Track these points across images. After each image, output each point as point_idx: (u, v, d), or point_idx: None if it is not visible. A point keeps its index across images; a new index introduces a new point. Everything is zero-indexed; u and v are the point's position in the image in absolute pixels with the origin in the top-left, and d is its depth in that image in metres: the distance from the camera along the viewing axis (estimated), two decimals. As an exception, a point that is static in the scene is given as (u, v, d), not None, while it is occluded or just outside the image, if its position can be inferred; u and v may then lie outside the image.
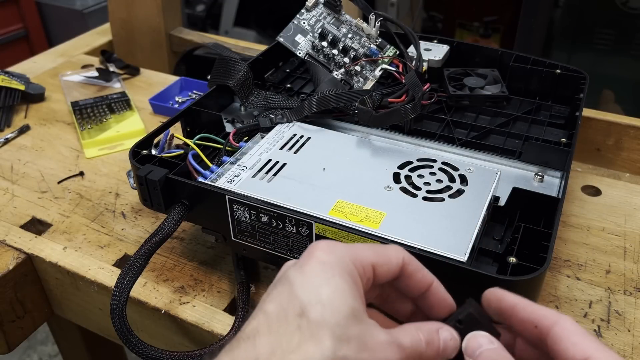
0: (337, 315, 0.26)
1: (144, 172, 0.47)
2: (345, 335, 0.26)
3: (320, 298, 0.26)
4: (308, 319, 0.26)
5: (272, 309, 0.27)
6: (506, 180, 0.50)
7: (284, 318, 0.26)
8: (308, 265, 0.28)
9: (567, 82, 0.62)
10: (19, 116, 0.79)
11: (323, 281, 0.27)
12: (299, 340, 0.25)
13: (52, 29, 2.00)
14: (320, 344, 0.25)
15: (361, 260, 0.29)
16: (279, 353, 0.25)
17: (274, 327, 0.26)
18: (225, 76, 0.60)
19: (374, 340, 0.27)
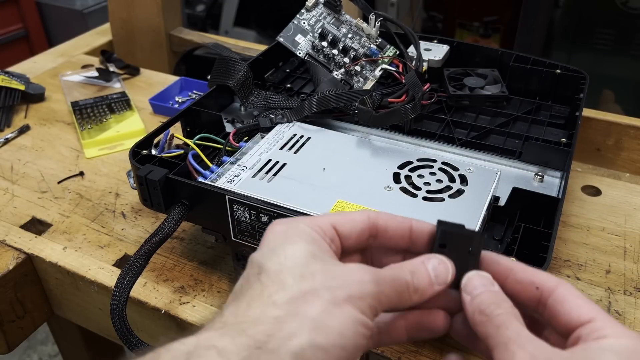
0: (294, 258, 0.26)
1: (144, 172, 0.47)
2: (308, 271, 0.26)
3: (275, 252, 0.27)
4: (266, 271, 0.26)
5: (237, 286, 0.27)
6: (506, 180, 0.50)
7: (247, 283, 0.26)
8: (263, 240, 0.28)
9: (567, 82, 0.62)
10: (19, 116, 0.79)
11: (277, 242, 0.27)
12: (261, 289, 0.25)
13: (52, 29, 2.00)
14: (281, 284, 0.25)
15: (318, 223, 0.28)
16: (244, 305, 0.25)
17: (238, 294, 0.26)
18: (225, 76, 0.60)
19: (340, 270, 0.26)
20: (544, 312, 0.28)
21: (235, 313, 0.25)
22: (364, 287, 0.26)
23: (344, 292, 0.25)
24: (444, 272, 0.28)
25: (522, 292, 0.28)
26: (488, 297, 0.27)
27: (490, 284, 0.28)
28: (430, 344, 0.45)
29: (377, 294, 0.26)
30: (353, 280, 0.26)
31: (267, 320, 0.24)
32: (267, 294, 0.25)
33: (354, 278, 0.26)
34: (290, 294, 0.25)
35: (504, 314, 0.26)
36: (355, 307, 0.25)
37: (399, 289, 0.27)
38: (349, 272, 0.26)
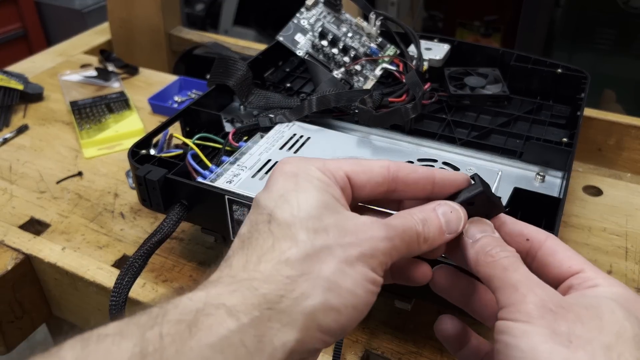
0: (307, 209, 0.25)
1: (143, 172, 0.47)
2: (321, 226, 0.24)
3: (286, 199, 0.25)
4: (277, 221, 0.25)
5: (244, 230, 0.26)
6: (507, 180, 0.50)
7: (255, 231, 0.25)
8: (271, 180, 0.27)
9: (568, 81, 0.62)
10: (18, 116, 0.78)
11: (288, 187, 0.26)
12: (272, 242, 0.24)
13: (51, 29, 2.00)
14: (294, 239, 0.24)
15: (330, 169, 0.27)
16: (254, 258, 0.24)
17: (246, 242, 0.25)
18: (225, 76, 0.60)
19: (353, 223, 0.25)
20: (532, 263, 0.28)
21: (245, 266, 0.24)
22: (378, 244, 0.25)
23: (357, 250, 0.24)
24: (454, 221, 0.28)
25: (513, 243, 0.28)
26: (492, 240, 0.27)
27: (492, 231, 0.28)
28: (430, 345, 0.45)
29: (390, 250, 0.25)
30: (366, 237, 0.25)
31: (279, 279, 0.23)
32: (280, 249, 0.24)
33: (367, 235, 0.25)
34: (304, 251, 0.24)
35: (511, 256, 0.26)
36: (367, 265, 0.24)
37: (409, 241, 0.26)
38: (362, 227, 0.25)
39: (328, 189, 0.26)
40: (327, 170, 0.27)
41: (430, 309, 0.48)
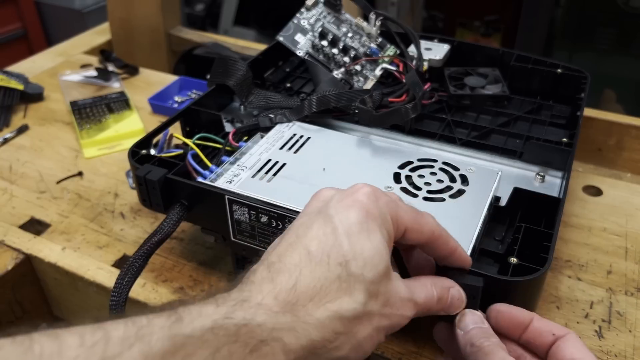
0: (374, 273, 0.28)
1: (143, 172, 0.47)
2: (376, 292, 0.28)
3: (362, 253, 0.28)
4: (348, 270, 0.28)
5: (314, 248, 0.28)
6: (507, 180, 0.50)
7: (327, 263, 0.28)
8: (353, 210, 0.29)
9: (568, 81, 0.62)
10: (18, 116, 0.78)
11: (365, 236, 0.29)
12: (337, 289, 0.28)
13: (51, 29, 2.00)
14: (353, 297, 0.28)
15: (398, 220, 0.31)
16: (317, 299, 0.27)
17: (317, 271, 0.28)
18: (225, 76, 0.60)
19: (395, 297, 0.30)
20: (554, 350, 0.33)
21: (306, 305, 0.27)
22: (402, 321, 0.31)
23: (388, 322, 0.30)
24: (455, 306, 0.34)
25: (539, 336, 0.33)
26: (478, 332, 0.33)
27: (480, 322, 0.34)
28: (430, 345, 0.45)
29: (411, 317, 0.31)
30: (398, 314, 0.30)
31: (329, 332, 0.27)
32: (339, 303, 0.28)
33: (399, 312, 0.30)
34: (356, 312, 0.28)
35: (492, 344, 0.32)
36: (385, 333, 0.30)
37: (422, 312, 0.32)
38: (399, 302, 0.30)
39: (390, 247, 0.30)
40: (395, 223, 0.31)
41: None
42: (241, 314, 0.26)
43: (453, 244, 0.34)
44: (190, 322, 0.24)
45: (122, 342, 0.22)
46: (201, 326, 0.24)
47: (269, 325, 0.26)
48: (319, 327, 0.27)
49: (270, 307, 0.26)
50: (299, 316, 0.27)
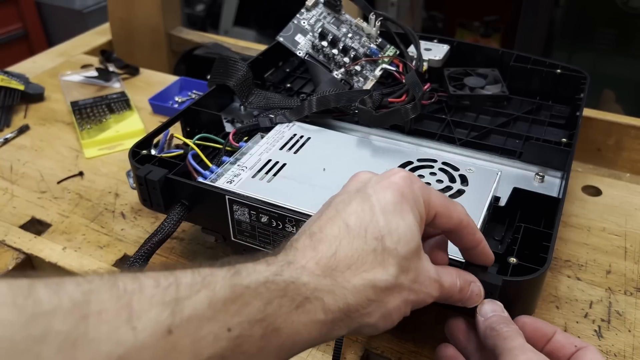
0: (406, 249, 0.31)
1: (144, 172, 0.47)
2: (407, 267, 0.31)
3: (397, 230, 0.31)
4: (383, 245, 0.30)
5: (353, 222, 0.31)
6: (507, 180, 0.50)
7: (364, 237, 0.30)
8: (389, 191, 0.32)
9: (567, 82, 0.62)
10: (19, 116, 0.79)
11: (400, 215, 0.31)
12: (372, 261, 0.30)
13: (51, 29, 2.00)
14: (387, 269, 0.30)
15: (430, 204, 0.33)
16: (354, 267, 0.30)
17: (355, 243, 0.30)
18: (225, 76, 0.60)
19: (424, 276, 0.32)
20: None
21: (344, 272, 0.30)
22: (428, 299, 0.33)
23: (415, 297, 0.32)
24: (473, 300, 0.36)
25: (562, 348, 0.36)
26: (498, 318, 0.35)
27: (501, 310, 0.36)
28: (430, 345, 0.45)
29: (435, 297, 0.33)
30: (425, 291, 0.32)
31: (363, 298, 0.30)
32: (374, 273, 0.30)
33: (427, 289, 0.32)
34: (388, 283, 0.30)
35: (512, 330, 0.34)
36: (411, 307, 0.32)
37: (443, 298, 0.34)
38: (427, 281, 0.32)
39: (421, 228, 0.32)
40: (427, 206, 0.33)
41: (430, 309, 0.48)
42: (289, 273, 0.28)
43: (479, 236, 0.35)
44: (247, 275, 0.27)
45: (190, 287, 0.25)
46: (256, 280, 0.27)
47: (312, 285, 0.28)
48: (354, 293, 0.29)
49: (312, 270, 0.29)
50: (337, 281, 0.29)
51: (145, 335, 0.23)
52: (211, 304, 0.25)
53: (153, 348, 0.23)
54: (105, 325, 0.22)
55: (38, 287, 0.22)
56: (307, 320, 0.28)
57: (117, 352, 0.22)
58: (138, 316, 0.23)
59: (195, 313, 0.24)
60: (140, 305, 0.23)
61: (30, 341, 0.21)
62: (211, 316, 0.25)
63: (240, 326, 0.26)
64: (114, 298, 0.23)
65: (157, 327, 0.23)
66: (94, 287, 0.23)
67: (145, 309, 0.23)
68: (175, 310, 0.24)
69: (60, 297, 0.22)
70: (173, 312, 0.24)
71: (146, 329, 0.23)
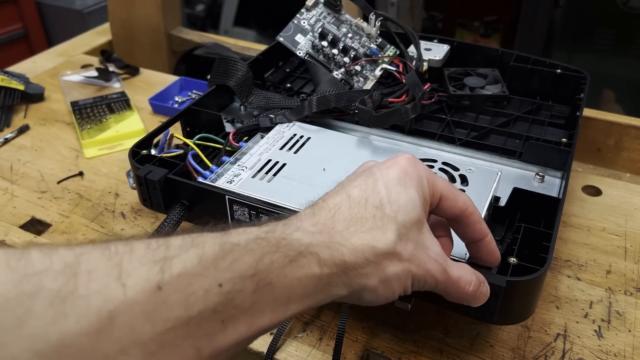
0: (406, 218, 0.31)
1: (144, 172, 0.47)
2: (406, 235, 0.31)
3: (397, 200, 0.31)
4: (383, 211, 0.31)
5: (355, 194, 0.32)
6: (507, 180, 0.50)
7: (364, 204, 0.31)
8: (393, 169, 0.33)
9: (567, 82, 0.62)
10: (19, 116, 0.79)
11: (402, 188, 0.32)
12: (371, 225, 0.31)
13: (51, 29, 2.00)
14: (385, 234, 0.30)
15: (435, 186, 0.33)
16: (352, 229, 0.30)
17: (354, 209, 0.31)
18: (225, 76, 0.60)
19: (425, 251, 0.32)
20: None
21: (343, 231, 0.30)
22: (430, 280, 0.32)
23: (416, 270, 0.31)
24: (480, 300, 0.35)
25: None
26: None
27: None
28: (430, 345, 0.45)
29: (432, 286, 0.33)
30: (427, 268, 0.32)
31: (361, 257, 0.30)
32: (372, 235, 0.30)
33: (428, 266, 0.32)
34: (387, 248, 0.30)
35: None
36: (410, 283, 0.32)
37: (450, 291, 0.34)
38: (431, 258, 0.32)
39: (425, 206, 0.33)
40: (432, 187, 0.33)
41: (430, 308, 0.48)
42: (281, 230, 0.29)
43: (485, 228, 0.36)
44: (237, 235, 0.28)
45: (180, 247, 0.26)
46: (246, 238, 0.28)
47: (306, 240, 0.29)
48: (352, 250, 0.30)
49: (307, 228, 0.30)
50: (334, 238, 0.30)
51: (135, 291, 0.23)
52: (201, 261, 0.25)
53: (142, 303, 0.23)
54: (95, 283, 0.23)
55: (32, 251, 0.23)
56: (302, 274, 0.28)
57: (107, 307, 0.22)
58: (128, 274, 0.24)
59: (185, 270, 0.25)
60: (130, 265, 0.24)
61: (22, 297, 0.21)
62: (201, 272, 0.25)
63: (231, 281, 0.26)
64: (105, 258, 0.24)
65: (147, 283, 0.24)
66: (85, 251, 0.24)
67: (135, 268, 0.24)
68: (164, 267, 0.24)
69: (52, 259, 0.23)
70: (162, 270, 0.24)
71: (136, 286, 0.23)
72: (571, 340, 0.45)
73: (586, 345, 0.45)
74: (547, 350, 0.44)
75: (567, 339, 0.45)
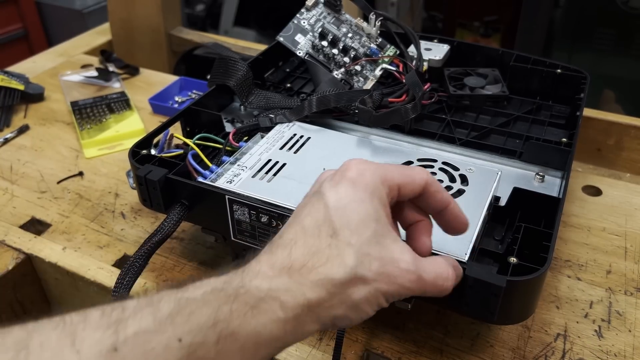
0: (363, 238, 0.30)
1: (144, 172, 0.47)
2: (368, 256, 0.30)
3: (350, 222, 0.31)
4: (337, 239, 0.30)
5: (308, 223, 0.31)
6: (507, 180, 0.50)
7: (318, 235, 0.30)
8: (342, 185, 0.32)
9: (567, 81, 0.62)
10: (19, 116, 0.79)
11: (354, 205, 0.31)
12: (327, 256, 0.30)
13: (51, 29, 2.00)
14: (343, 261, 0.30)
15: (389, 181, 0.32)
16: (310, 264, 0.29)
17: (309, 241, 0.30)
18: (225, 76, 0.60)
19: (392, 266, 0.31)
20: None
21: (300, 270, 0.29)
22: (402, 292, 0.31)
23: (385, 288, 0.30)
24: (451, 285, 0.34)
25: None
26: None
27: None
28: (430, 345, 0.45)
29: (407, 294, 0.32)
30: (397, 283, 0.31)
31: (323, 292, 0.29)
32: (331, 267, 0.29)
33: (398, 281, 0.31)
34: (347, 276, 0.29)
35: None
36: (385, 299, 0.31)
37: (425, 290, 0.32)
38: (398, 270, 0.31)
39: (383, 212, 0.32)
40: (386, 185, 0.32)
41: (430, 308, 0.48)
42: (239, 279, 0.29)
43: (447, 196, 0.35)
44: (194, 289, 0.28)
45: (134, 308, 0.26)
46: (203, 291, 0.27)
47: (265, 286, 0.28)
48: (313, 287, 0.29)
49: (265, 273, 0.29)
50: (294, 279, 0.29)
51: (89, 355, 0.23)
52: (156, 318, 0.25)
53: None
54: (48, 352, 0.23)
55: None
56: (266, 320, 0.28)
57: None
58: (82, 340, 0.24)
59: (140, 328, 0.25)
60: (84, 332, 0.24)
61: None
62: (157, 329, 0.25)
63: (191, 334, 0.26)
64: (58, 330, 0.24)
65: (101, 346, 0.24)
66: (38, 326, 0.24)
67: (89, 334, 0.24)
68: (118, 329, 0.24)
69: (4, 338, 0.23)
70: (116, 331, 0.24)
71: (90, 350, 0.23)
72: (571, 340, 0.45)
73: (586, 345, 0.45)
74: (547, 350, 0.44)
75: (567, 339, 0.45)
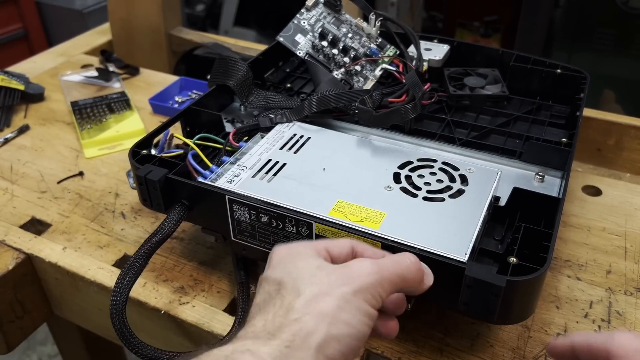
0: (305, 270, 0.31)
1: (144, 172, 0.47)
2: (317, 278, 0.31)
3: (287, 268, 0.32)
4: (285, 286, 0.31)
5: (259, 299, 0.31)
6: (507, 180, 0.50)
7: (269, 298, 0.31)
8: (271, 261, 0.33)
9: (567, 82, 0.62)
10: (19, 116, 0.79)
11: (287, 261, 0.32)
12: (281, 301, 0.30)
13: (51, 29, 2.00)
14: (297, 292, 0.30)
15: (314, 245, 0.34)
16: (270, 317, 0.30)
17: (262, 308, 0.31)
18: (225, 76, 0.60)
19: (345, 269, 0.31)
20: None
21: (264, 324, 0.29)
22: (366, 279, 0.31)
23: (350, 287, 0.30)
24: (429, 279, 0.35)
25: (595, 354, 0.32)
26: None
27: None
28: (430, 345, 0.45)
29: (379, 281, 0.31)
30: (355, 276, 0.31)
31: (289, 323, 0.29)
32: (288, 303, 0.30)
33: (356, 273, 0.31)
34: (305, 298, 0.29)
35: None
36: (362, 298, 0.30)
37: (400, 273, 0.32)
38: (352, 269, 0.31)
39: (318, 256, 0.33)
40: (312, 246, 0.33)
41: (430, 308, 0.48)
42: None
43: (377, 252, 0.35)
44: None
45: None
46: None
47: (229, 348, 0.28)
48: (280, 327, 0.29)
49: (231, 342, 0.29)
50: (260, 330, 0.29)
51: None
52: None
53: None
54: None
55: None
56: None
57: None
58: None
59: None
60: None
61: None
62: None
63: None
64: None
65: None
66: None
67: None
68: None
69: None
70: None
71: None
72: (571, 340, 0.45)
73: (586, 345, 0.45)
74: (547, 350, 0.45)
75: (567, 339, 0.45)
